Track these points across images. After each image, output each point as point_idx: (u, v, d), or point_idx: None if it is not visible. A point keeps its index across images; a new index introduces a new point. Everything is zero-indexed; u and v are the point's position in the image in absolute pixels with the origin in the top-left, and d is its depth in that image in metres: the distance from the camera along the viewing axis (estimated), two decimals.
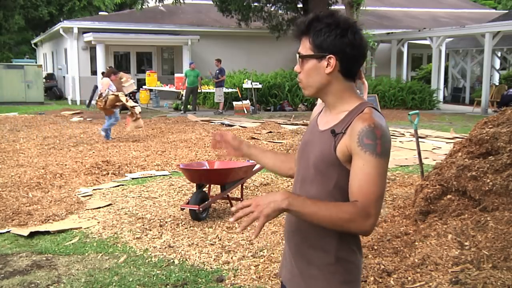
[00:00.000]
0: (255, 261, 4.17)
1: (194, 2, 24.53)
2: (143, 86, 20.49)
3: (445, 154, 4.86)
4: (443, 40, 19.19)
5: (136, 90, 18.59)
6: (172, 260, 4.26)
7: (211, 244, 4.59)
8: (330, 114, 1.73)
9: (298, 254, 1.73)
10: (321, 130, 1.72)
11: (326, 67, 1.66)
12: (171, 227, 5.10)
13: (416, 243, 3.78)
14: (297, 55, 1.71)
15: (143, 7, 20.28)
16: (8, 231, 5.04)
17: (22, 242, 4.76)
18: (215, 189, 5.95)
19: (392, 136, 2.04)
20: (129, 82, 11.85)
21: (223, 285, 3.80)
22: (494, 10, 31.41)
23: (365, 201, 1.55)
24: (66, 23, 21.43)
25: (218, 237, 4.75)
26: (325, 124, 1.72)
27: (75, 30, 20.82)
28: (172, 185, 6.87)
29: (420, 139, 6.63)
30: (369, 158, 1.56)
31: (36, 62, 29.85)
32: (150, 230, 5.01)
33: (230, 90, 17.86)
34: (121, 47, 22.33)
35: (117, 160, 8.32)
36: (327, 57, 1.65)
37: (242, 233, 4.85)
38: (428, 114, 16.31)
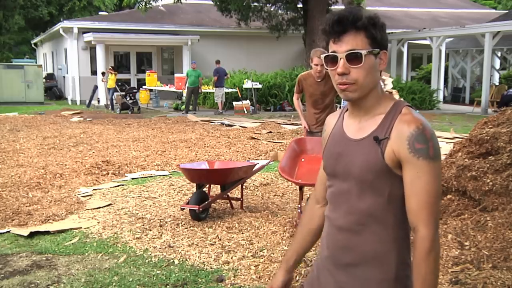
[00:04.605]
0: (255, 261, 4.17)
1: (194, 2, 24.53)
2: (143, 86, 20.50)
3: (445, 154, 4.86)
4: (443, 40, 19.19)
5: (136, 90, 18.62)
6: (172, 260, 4.26)
7: (211, 244, 4.59)
8: (362, 120, 1.59)
9: (350, 274, 1.60)
10: (357, 139, 1.57)
11: (380, 64, 1.55)
12: (171, 227, 5.09)
13: None
14: (351, 53, 1.52)
15: (147, 7, 20.22)
16: (8, 231, 5.04)
17: (22, 242, 4.76)
18: (215, 189, 5.95)
19: None
20: (388, 80, 11.95)
21: (223, 285, 3.80)
22: (494, 10, 31.41)
23: (429, 216, 1.48)
24: (66, 23, 21.43)
25: (218, 237, 4.75)
26: (359, 131, 1.58)
27: (75, 30, 20.82)
28: (172, 185, 6.86)
29: None
30: (423, 164, 1.46)
31: (36, 62, 29.86)
32: (150, 230, 5.00)
33: (230, 90, 17.88)
34: (121, 47, 22.33)
35: (117, 160, 8.32)
36: (381, 53, 1.54)
37: (242, 233, 4.85)
38: (428, 114, 16.30)
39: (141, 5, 20.10)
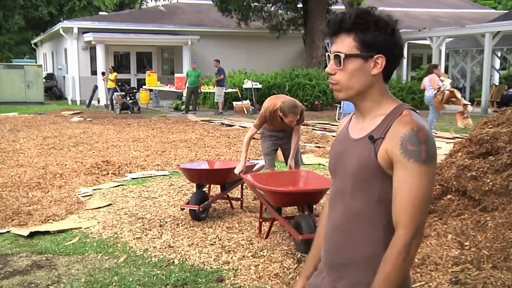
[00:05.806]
0: (255, 261, 4.17)
1: (194, 2, 24.54)
2: (143, 86, 20.51)
3: (445, 154, 4.86)
4: (443, 40, 19.18)
5: (136, 90, 18.62)
6: (172, 260, 4.26)
7: (211, 244, 4.59)
8: (364, 121, 1.60)
9: (342, 275, 1.59)
10: (356, 138, 1.58)
11: (373, 68, 1.53)
12: (171, 227, 5.10)
13: None
14: (335, 54, 1.55)
15: (142, 7, 20.29)
16: (8, 231, 5.04)
17: (22, 242, 4.76)
18: (215, 189, 5.95)
19: None
20: (446, 81, 11.90)
21: (223, 285, 3.80)
22: (494, 10, 31.42)
23: (410, 219, 1.44)
24: (66, 23, 21.43)
25: (218, 237, 4.75)
26: (360, 131, 1.59)
27: (75, 30, 20.82)
28: (172, 185, 6.86)
29: None
30: (413, 166, 1.43)
31: (36, 62, 29.85)
32: (150, 230, 5.01)
33: (230, 90, 17.88)
34: (121, 47, 22.33)
35: (117, 160, 8.32)
36: (375, 57, 1.52)
37: (242, 233, 4.86)
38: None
39: (137, 3, 20.15)
